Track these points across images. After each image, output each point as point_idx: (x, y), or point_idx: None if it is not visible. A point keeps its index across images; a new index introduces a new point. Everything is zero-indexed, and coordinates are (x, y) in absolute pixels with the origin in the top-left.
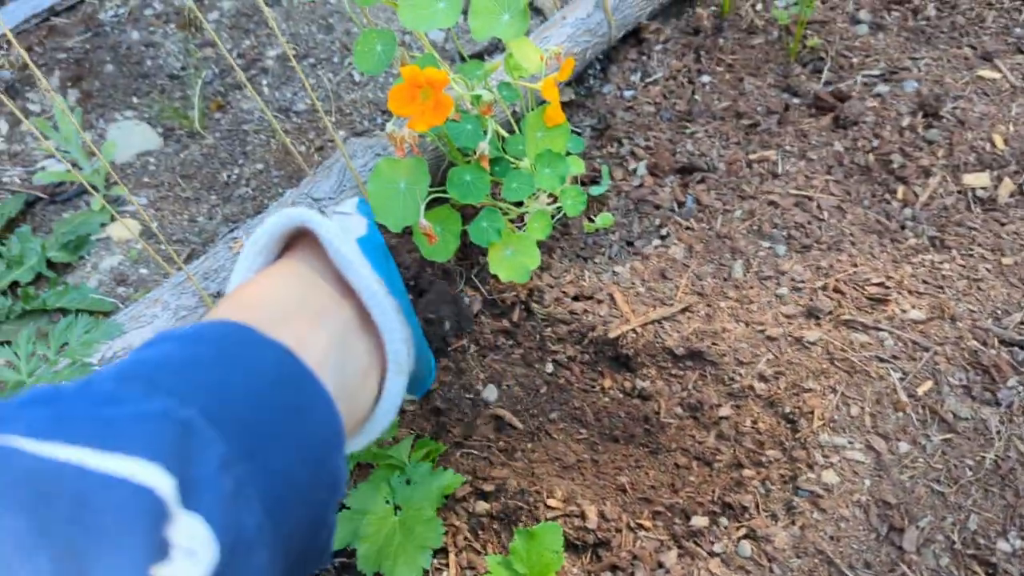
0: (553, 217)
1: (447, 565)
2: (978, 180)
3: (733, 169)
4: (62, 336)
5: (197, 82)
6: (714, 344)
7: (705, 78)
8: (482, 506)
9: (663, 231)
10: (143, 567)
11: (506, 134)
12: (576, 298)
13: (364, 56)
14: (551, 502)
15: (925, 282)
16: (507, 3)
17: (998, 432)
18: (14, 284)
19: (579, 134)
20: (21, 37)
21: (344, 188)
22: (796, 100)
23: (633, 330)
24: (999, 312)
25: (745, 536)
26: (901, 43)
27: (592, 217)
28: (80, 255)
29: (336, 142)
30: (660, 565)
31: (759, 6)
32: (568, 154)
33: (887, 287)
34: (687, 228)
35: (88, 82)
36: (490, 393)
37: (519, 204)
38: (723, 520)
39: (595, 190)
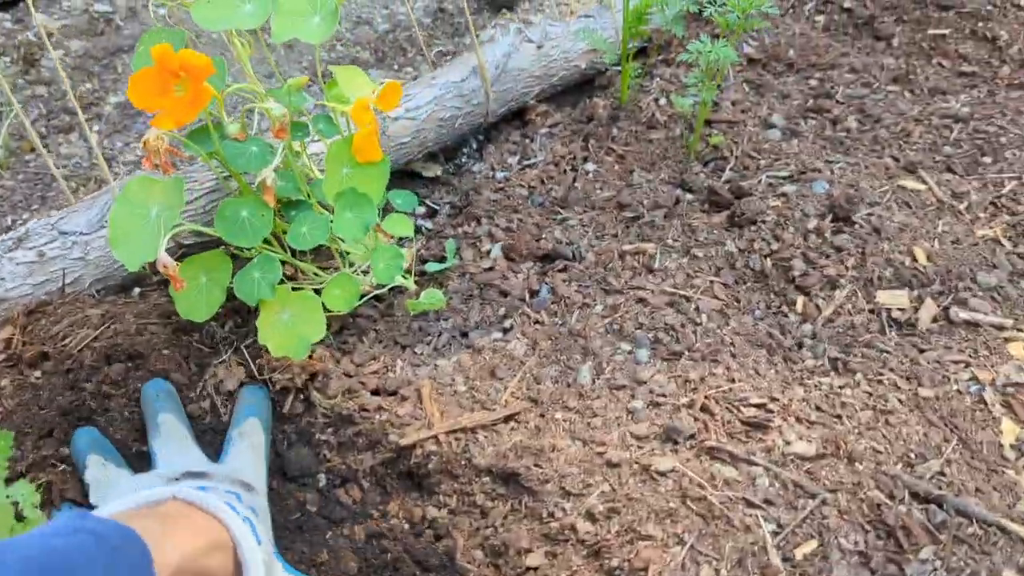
0: (381, 287)
1: None
2: (894, 299)
3: (602, 260)
4: None
5: (6, 120)
6: (537, 466)
7: (590, 166)
8: None
9: (507, 322)
10: None
11: (319, 174)
12: (376, 392)
13: (145, 60)
14: None
15: (819, 409)
16: (319, 4)
17: None
18: None
19: (434, 209)
20: None
21: (105, 224)
22: (689, 196)
23: (435, 438)
24: (912, 456)
25: None
26: (816, 150)
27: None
28: None
29: (105, 173)
30: None
31: (662, 101)
32: (392, 210)
33: (769, 410)
34: (536, 321)
35: None
36: None
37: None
38: None
39: (432, 267)
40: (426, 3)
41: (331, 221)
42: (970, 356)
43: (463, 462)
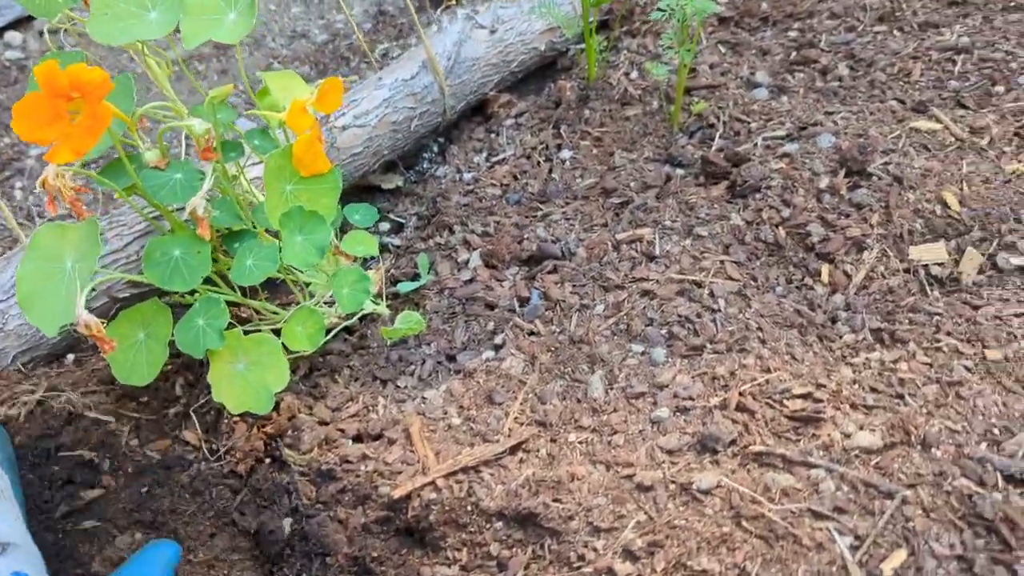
0: (351, 316)
1: None
2: (931, 253)
3: (595, 254)
4: None
5: None
6: (557, 500)
7: (566, 153)
8: None
9: (498, 338)
10: None
11: (262, 198)
12: (357, 438)
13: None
14: None
15: (874, 390)
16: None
17: None
18: None
19: (400, 223)
20: None
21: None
22: (680, 171)
23: (433, 484)
24: (996, 431)
25: None
26: (810, 103)
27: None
28: None
29: (14, 229)
30: None
31: (634, 74)
32: (351, 228)
33: (817, 400)
34: (530, 333)
35: None
36: None
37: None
38: None
39: (405, 286)
40: (365, 7)
41: (280, 248)
42: None
43: (469, 508)
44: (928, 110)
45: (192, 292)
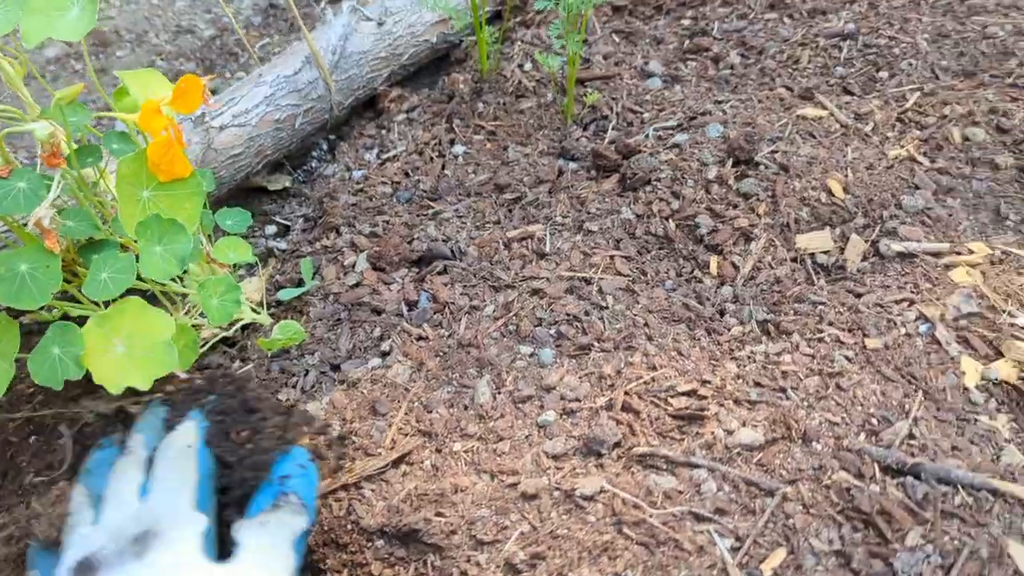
0: (228, 328)
1: None
2: (817, 241)
3: (486, 253)
4: None
5: None
6: (439, 515)
7: (459, 149)
8: None
9: (384, 344)
10: None
11: None
12: None
13: None
14: None
15: (758, 384)
16: None
17: None
18: None
19: (286, 226)
20: None
21: None
22: (572, 165)
23: None
24: (874, 422)
25: None
26: (702, 92)
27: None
28: None
29: None
30: None
31: (527, 65)
32: (223, 233)
33: (702, 396)
34: (418, 338)
35: None
36: None
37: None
38: None
39: (287, 293)
40: (255, 0)
41: (134, 259)
42: (912, 292)
43: (349, 527)
44: (814, 97)
45: (49, 309)
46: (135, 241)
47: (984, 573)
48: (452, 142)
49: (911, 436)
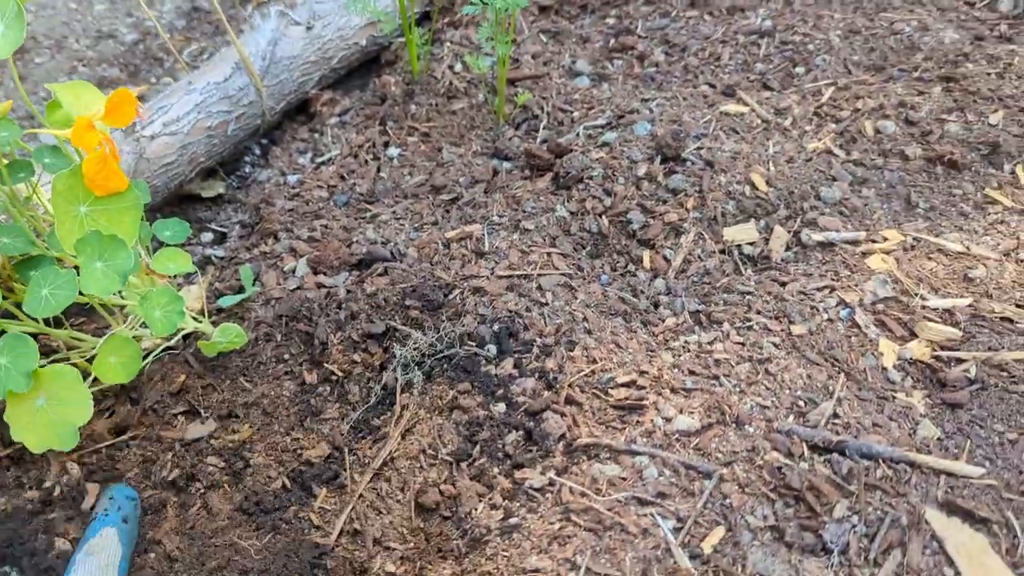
0: (169, 338)
1: None
2: (743, 233)
3: (425, 254)
4: None
5: None
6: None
7: (393, 151)
8: None
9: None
10: None
11: None
12: None
13: None
14: None
15: (693, 372)
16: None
17: None
18: None
19: (223, 233)
20: None
21: None
22: (507, 164)
23: None
24: (802, 403)
25: None
26: (629, 90)
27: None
28: None
29: None
30: None
31: (458, 66)
32: (160, 244)
33: (640, 387)
34: None
35: None
36: None
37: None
38: None
39: (227, 300)
40: (177, 3)
41: (75, 276)
42: (832, 279)
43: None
44: (736, 93)
45: None
46: (72, 256)
47: (905, 539)
48: (386, 144)
49: (835, 415)
